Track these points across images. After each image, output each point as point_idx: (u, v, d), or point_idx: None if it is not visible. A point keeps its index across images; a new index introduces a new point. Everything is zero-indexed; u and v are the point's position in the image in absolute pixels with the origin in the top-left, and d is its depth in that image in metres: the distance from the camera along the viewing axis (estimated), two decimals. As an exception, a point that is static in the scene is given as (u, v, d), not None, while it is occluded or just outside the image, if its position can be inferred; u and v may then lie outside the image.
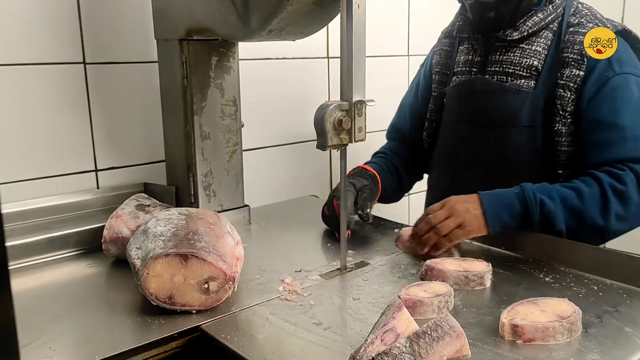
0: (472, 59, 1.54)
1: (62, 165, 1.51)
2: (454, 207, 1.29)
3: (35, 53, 1.43)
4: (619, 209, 1.28)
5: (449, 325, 0.83)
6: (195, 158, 1.50)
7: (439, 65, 1.66)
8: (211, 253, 1.06)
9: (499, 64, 1.47)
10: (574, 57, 1.38)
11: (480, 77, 1.51)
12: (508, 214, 1.29)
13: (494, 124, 1.48)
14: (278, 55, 1.91)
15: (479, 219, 1.28)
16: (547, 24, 1.43)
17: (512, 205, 1.29)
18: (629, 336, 0.97)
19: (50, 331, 1.01)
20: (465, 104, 1.55)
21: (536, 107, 1.42)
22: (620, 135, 1.34)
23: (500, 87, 1.46)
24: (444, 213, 1.29)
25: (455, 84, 1.57)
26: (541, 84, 1.42)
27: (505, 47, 1.47)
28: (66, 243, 1.39)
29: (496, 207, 1.29)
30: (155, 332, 1.00)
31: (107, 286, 1.26)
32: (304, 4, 1.18)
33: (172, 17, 1.45)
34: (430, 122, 1.67)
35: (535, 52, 1.43)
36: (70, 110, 1.51)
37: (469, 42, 1.56)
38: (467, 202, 1.30)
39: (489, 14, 1.43)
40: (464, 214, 1.28)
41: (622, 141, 1.34)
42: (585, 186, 1.30)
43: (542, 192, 1.30)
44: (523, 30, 1.43)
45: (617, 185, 1.29)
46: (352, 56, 1.13)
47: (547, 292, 1.12)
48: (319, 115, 1.15)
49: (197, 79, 1.46)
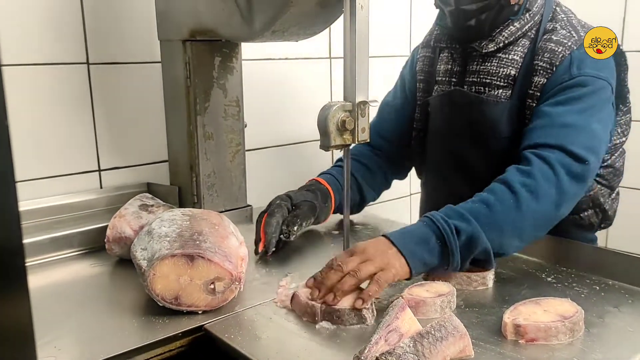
0: (451, 69, 1.50)
1: (65, 165, 1.52)
2: (365, 251, 1.10)
3: (38, 53, 1.44)
4: (532, 204, 1.18)
5: (453, 325, 0.84)
6: (199, 158, 1.50)
7: (423, 73, 1.61)
8: (217, 253, 1.07)
9: (476, 75, 1.44)
10: (543, 65, 1.33)
11: (458, 90, 1.47)
12: (426, 251, 1.12)
13: (475, 136, 1.45)
14: (281, 56, 1.92)
15: (398, 258, 1.09)
16: (525, 33, 1.39)
17: (426, 239, 1.13)
18: (631, 336, 0.97)
19: (55, 330, 1.02)
20: (446, 116, 1.52)
21: (512, 117, 1.38)
22: (548, 122, 1.27)
23: (478, 99, 1.42)
24: (357, 259, 1.09)
25: (437, 95, 1.54)
26: (516, 93, 1.38)
27: (482, 57, 1.43)
28: (70, 243, 1.40)
29: (410, 245, 1.11)
30: (159, 332, 1.01)
31: (111, 286, 1.27)
32: (307, 5, 1.18)
33: (175, 18, 1.45)
34: (417, 131, 1.62)
35: (512, 61, 1.39)
36: (74, 110, 1.52)
37: (448, 51, 1.52)
38: (377, 245, 1.12)
39: (469, 22, 1.38)
40: (380, 256, 1.09)
41: (549, 127, 1.27)
42: (490, 195, 1.20)
43: (452, 216, 1.16)
44: (499, 42, 1.38)
45: (527, 180, 1.20)
46: (355, 57, 1.14)
47: (549, 292, 1.12)
48: (322, 115, 1.15)
49: (200, 80, 1.47)
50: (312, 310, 1.04)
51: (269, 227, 1.34)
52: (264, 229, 1.34)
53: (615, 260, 1.22)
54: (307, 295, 1.07)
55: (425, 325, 0.87)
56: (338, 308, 1.02)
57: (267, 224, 1.35)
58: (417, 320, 0.91)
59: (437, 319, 0.87)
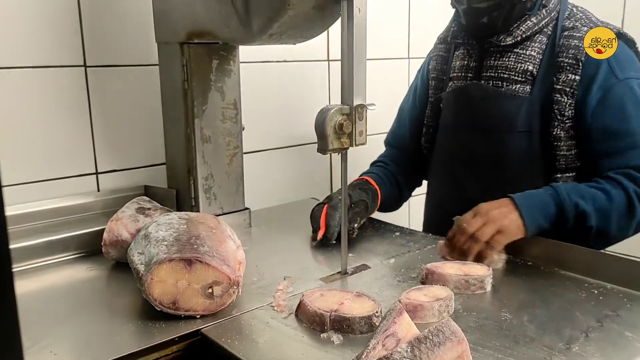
0: (467, 64, 1.54)
1: (62, 167, 1.51)
2: (488, 213, 1.26)
3: (36, 56, 1.44)
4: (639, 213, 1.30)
5: (451, 330, 0.83)
6: (196, 161, 1.50)
7: (435, 71, 1.65)
8: (215, 257, 1.06)
9: (493, 69, 1.47)
10: (569, 61, 1.37)
11: (475, 83, 1.50)
12: (544, 217, 1.28)
13: (490, 130, 1.48)
14: (278, 58, 1.91)
15: (516, 222, 1.26)
16: (541, 28, 1.43)
17: (547, 207, 1.29)
18: (629, 340, 0.97)
19: (51, 334, 1.01)
20: (461, 109, 1.55)
21: (532, 112, 1.42)
22: (632, 142, 1.34)
23: (496, 93, 1.46)
24: (480, 220, 1.26)
25: (452, 90, 1.57)
26: (537, 88, 1.41)
27: (499, 52, 1.47)
28: (67, 246, 1.40)
29: (532, 210, 1.28)
30: (156, 336, 1.00)
31: (107, 289, 1.26)
32: (305, 8, 1.18)
33: (173, 21, 1.45)
34: (427, 127, 1.67)
35: (530, 57, 1.42)
36: (71, 112, 1.51)
37: (464, 47, 1.56)
38: (501, 207, 1.28)
39: (482, 20, 1.42)
40: (500, 219, 1.25)
41: (634, 148, 1.34)
42: (612, 188, 1.31)
43: (576, 193, 1.30)
44: (516, 36, 1.42)
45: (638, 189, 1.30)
46: (352, 61, 1.14)
47: (546, 296, 1.12)
48: (319, 119, 1.15)
49: (197, 82, 1.46)
50: (320, 319, 1.01)
51: (332, 220, 1.41)
52: (326, 220, 1.40)
53: (614, 264, 1.22)
54: (313, 303, 1.04)
55: (423, 329, 0.86)
56: (348, 317, 1.00)
57: (329, 215, 1.41)
58: (415, 324, 0.90)
59: (435, 324, 0.86)
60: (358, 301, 1.05)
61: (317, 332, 1.01)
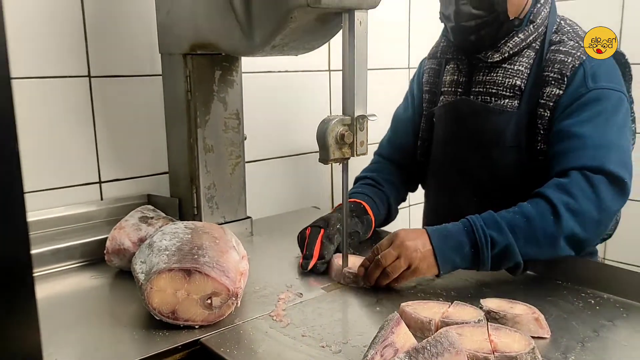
0: (457, 80, 1.54)
1: (66, 177, 1.53)
2: (402, 245, 1.21)
3: (40, 66, 1.45)
4: (573, 224, 1.23)
5: (449, 341, 0.84)
6: (199, 170, 1.51)
7: (428, 84, 1.65)
8: (214, 268, 1.07)
9: (482, 85, 1.47)
10: (554, 76, 1.36)
11: (464, 99, 1.50)
12: (459, 256, 1.22)
13: (480, 145, 1.47)
14: (280, 68, 1.93)
15: (428, 258, 1.21)
16: (529, 44, 1.42)
17: (461, 246, 1.22)
18: (625, 350, 0.98)
19: (55, 342, 1.03)
20: (451, 125, 1.55)
21: (520, 127, 1.40)
22: (581, 144, 1.30)
23: (484, 108, 1.45)
24: (394, 253, 1.21)
25: (442, 105, 1.57)
26: (524, 103, 1.40)
27: (488, 68, 1.46)
28: (70, 254, 1.41)
29: (446, 248, 1.22)
30: (157, 345, 1.01)
31: (111, 298, 1.27)
32: (306, 20, 1.20)
33: (176, 32, 1.47)
34: (422, 140, 1.66)
35: (517, 72, 1.42)
36: (75, 122, 1.53)
37: (454, 62, 1.55)
38: (417, 239, 1.22)
39: (470, 37, 1.41)
40: (413, 254, 1.20)
41: (582, 149, 1.29)
42: (531, 209, 1.25)
43: (491, 226, 1.23)
44: (504, 52, 1.41)
45: (569, 200, 1.24)
46: (354, 73, 1.15)
47: (542, 306, 1.12)
48: (321, 129, 1.17)
49: (200, 93, 1.48)
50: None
51: (327, 253, 1.36)
52: (320, 250, 1.36)
53: (610, 274, 1.23)
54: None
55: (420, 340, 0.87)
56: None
57: (324, 246, 1.36)
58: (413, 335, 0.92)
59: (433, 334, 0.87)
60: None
61: (328, 342, 1.02)
